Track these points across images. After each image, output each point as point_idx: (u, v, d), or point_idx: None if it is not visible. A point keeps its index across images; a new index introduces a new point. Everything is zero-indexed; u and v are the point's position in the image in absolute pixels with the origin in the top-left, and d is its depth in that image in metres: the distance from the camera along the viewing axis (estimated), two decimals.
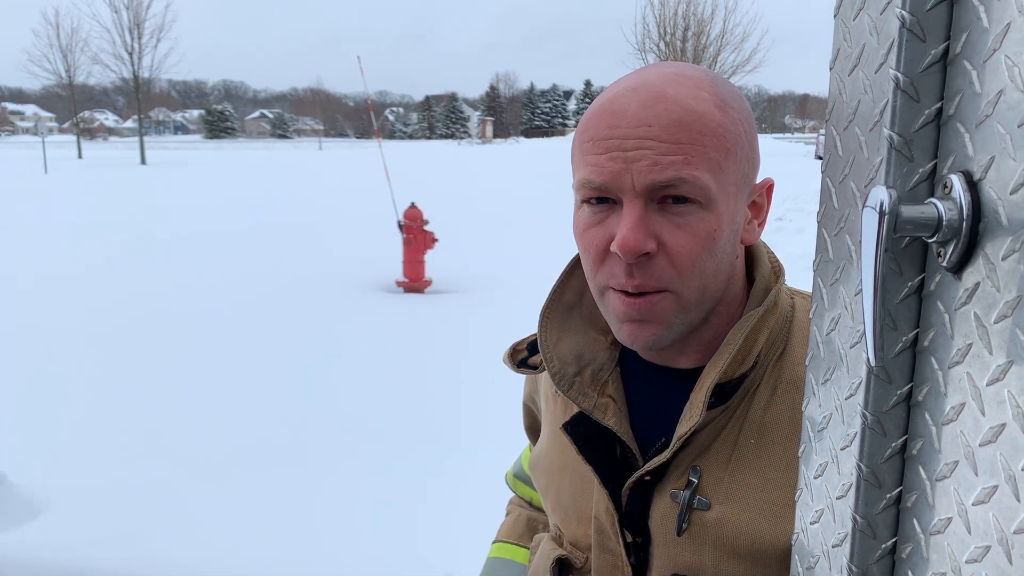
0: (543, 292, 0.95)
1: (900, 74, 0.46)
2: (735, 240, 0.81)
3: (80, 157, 44.47)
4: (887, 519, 0.51)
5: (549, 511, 0.99)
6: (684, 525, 0.82)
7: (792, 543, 0.63)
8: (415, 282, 8.20)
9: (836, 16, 0.54)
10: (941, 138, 0.46)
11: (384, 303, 7.70)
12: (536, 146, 67.31)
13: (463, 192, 19.46)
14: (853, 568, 0.52)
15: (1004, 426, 0.41)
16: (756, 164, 0.82)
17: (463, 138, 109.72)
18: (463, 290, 8.27)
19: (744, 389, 0.83)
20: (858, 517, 0.51)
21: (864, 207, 0.45)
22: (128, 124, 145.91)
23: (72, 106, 59.86)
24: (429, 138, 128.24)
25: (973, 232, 0.43)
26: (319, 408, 4.77)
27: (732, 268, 0.83)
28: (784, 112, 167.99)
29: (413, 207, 8.14)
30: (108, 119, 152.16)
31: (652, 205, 0.76)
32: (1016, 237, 0.40)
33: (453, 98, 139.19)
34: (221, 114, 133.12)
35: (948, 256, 0.44)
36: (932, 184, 0.47)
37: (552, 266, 1.16)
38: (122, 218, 14.34)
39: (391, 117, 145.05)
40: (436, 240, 8.12)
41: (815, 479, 0.58)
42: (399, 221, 8.14)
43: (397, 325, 6.80)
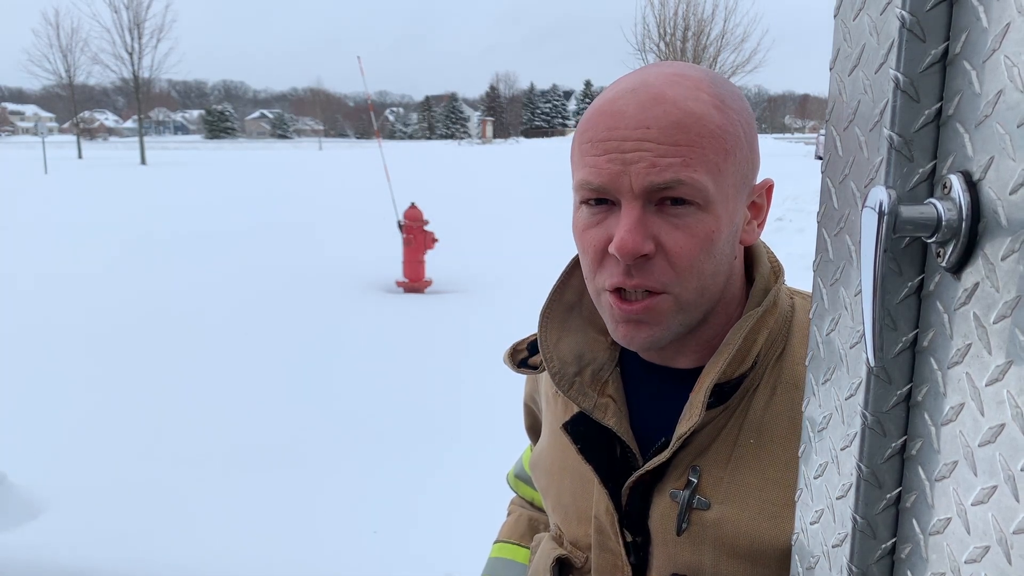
0: (543, 292, 0.95)
1: (900, 74, 0.46)
2: (734, 241, 0.81)
3: (80, 157, 44.46)
4: (887, 519, 0.51)
5: (549, 511, 0.99)
6: (684, 525, 0.82)
7: (792, 543, 0.63)
8: (415, 282, 8.20)
9: (836, 16, 0.54)
10: (941, 138, 0.46)
11: (384, 303, 7.70)
12: (536, 146, 67.28)
13: (463, 192, 19.46)
14: (853, 568, 0.52)
15: (1003, 426, 0.41)
16: (756, 165, 0.82)
17: (463, 138, 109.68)
18: (463, 290, 8.27)
19: (744, 389, 0.83)
20: (858, 517, 0.51)
21: (864, 207, 0.45)
22: (128, 124, 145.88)
23: (72, 106, 59.86)
24: (429, 138, 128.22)
25: (972, 232, 0.43)
26: (319, 408, 4.77)
27: (731, 269, 0.83)
28: (784, 112, 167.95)
29: (413, 207, 8.14)
30: (108, 119, 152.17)
31: (650, 207, 0.76)
32: (1015, 237, 0.40)
33: (453, 98, 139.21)
34: (221, 114, 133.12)
35: (947, 256, 0.44)
36: (932, 184, 0.47)
37: (552, 266, 1.16)
38: (122, 218, 14.34)
39: (391, 117, 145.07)
40: (436, 240, 8.12)
41: (815, 479, 0.58)
42: (399, 221, 8.14)
43: (397, 325, 6.80)
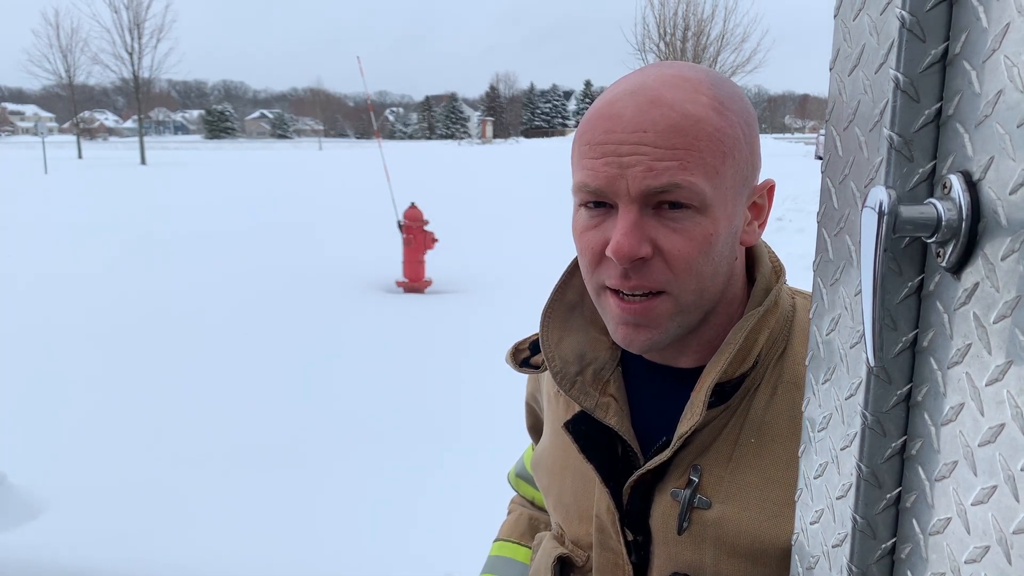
0: (543, 292, 0.95)
1: (900, 74, 0.46)
2: (734, 242, 0.81)
3: (80, 157, 44.45)
4: (887, 519, 0.51)
5: (551, 510, 1.00)
6: (685, 524, 0.82)
7: (792, 543, 0.63)
8: (415, 282, 8.20)
9: (836, 16, 0.54)
10: (940, 138, 0.46)
11: (384, 303, 7.70)
12: (536, 146, 67.23)
13: (463, 192, 19.45)
14: (853, 568, 0.52)
15: (1003, 426, 0.41)
16: (756, 166, 0.82)
17: (463, 138, 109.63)
18: (463, 290, 8.27)
19: (745, 389, 0.83)
20: (858, 517, 0.51)
21: (864, 207, 0.45)
22: (128, 124, 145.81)
23: (72, 106, 59.86)
24: (429, 138, 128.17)
25: (972, 232, 0.43)
26: (319, 408, 4.77)
27: (731, 269, 0.83)
28: (784, 112, 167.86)
29: (413, 207, 8.14)
30: (108, 119, 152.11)
31: (647, 210, 0.76)
32: (1015, 237, 0.40)
33: (453, 98, 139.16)
34: (221, 114, 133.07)
35: (947, 256, 0.44)
36: (931, 184, 0.47)
37: (552, 266, 1.16)
38: (122, 218, 14.34)
39: (391, 117, 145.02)
40: (436, 240, 8.12)
41: (815, 479, 0.58)
42: (399, 221, 8.14)
43: (397, 325, 6.80)
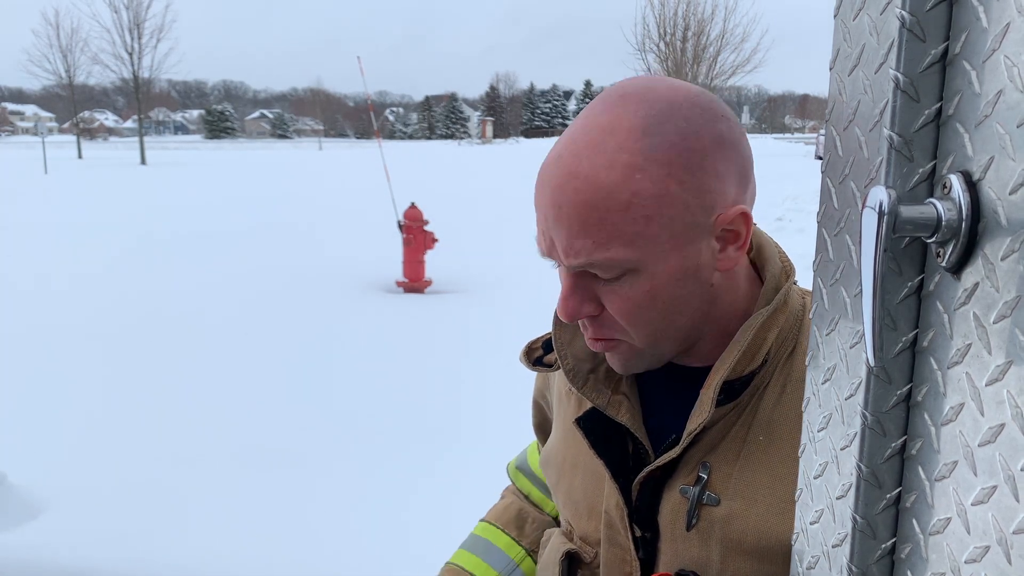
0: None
1: (900, 74, 0.46)
2: (697, 279, 0.79)
3: (80, 157, 44.45)
4: (887, 519, 0.51)
5: (560, 506, 1.01)
6: (693, 520, 0.83)
7: (792, 543, 0.63)
8: (415, 282, 8.20)
9: (836, 16, 0.54)
10: (940, 138, 0.46)
11: (384, 303, 7.70)
12: (536, 146, 67.15)
13: (463, 192, 19.45)
14: (853, 568, 0.52)
15: (1003, 426, 0.41)
16: (710, 203, 0.76)
17: (463, 138, 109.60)
18: (463, 290, 8.27)
19: (754, 387, 0.84)
20: (858, 517, 0.51)
21: (864, 207, 0.45)
22: (128, 124, 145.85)
23: (72, 106, 59.86)
24: (429, 138, 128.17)
25: (972, 232, 0.43)
26: (318, 408, 4.77)
27: (709, 296, 0.82)
28: (784, 112, 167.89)
29: (413, 207, 8.14)
30: (108, 119, 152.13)
31: (586, 274, 0.79)
32: (1015, 237, 0.40)
33: (453, 98, 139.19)
34: (221, 114, 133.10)
35: (947, 256, 0.44)
36: (931, 184, 0.47)
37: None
38: (122, 218, 14.34)
39: (391, 117, 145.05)
40: (436, 240, 8.12)
41: (815, 479, 0.58)
42: (399, 221, 8.14)
43: (397, 325, 6.80)
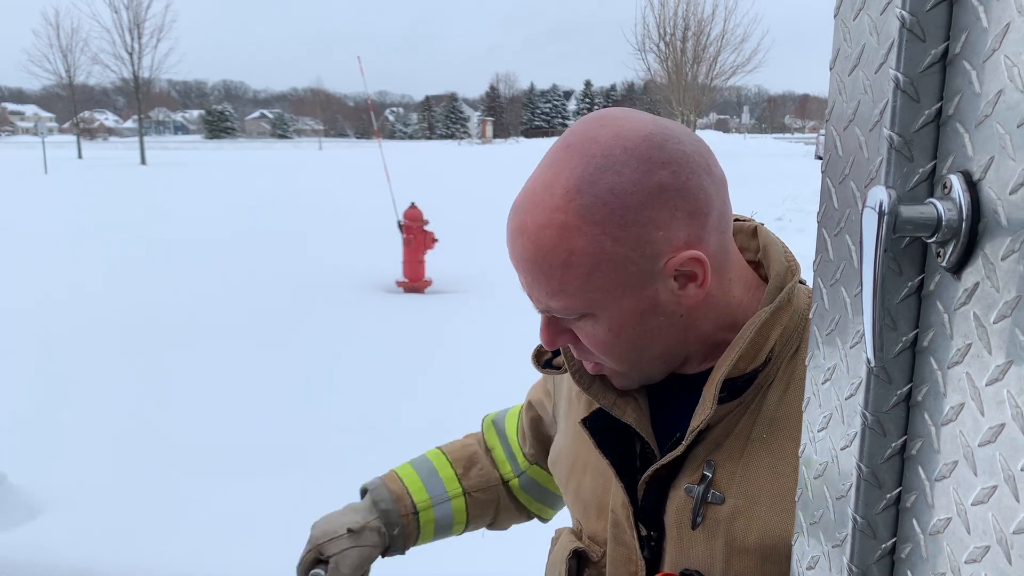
0: None
1: (900, 74, 0.46)
2: (660, 314, 0.81)
3: (80, 157, 44.39)
4: (887, 519, 0.51)
5: (569, 505, 1.02)
6: (698, 519, 0.83)
7: (792, 543, 0.63)
8: (415, 282, 8.21)
9: (836, 16, 0.54)
10: (941, 138, 0.46)
11: (384, 303, 7.70)
12: (536, 146, 67.16)
13: (463, 192, 19.45)
14: (853, 568, 0.52)
15: (1003, 426, 0.41)
16: (653, 251, 0.77)
17: (463, 138, 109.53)
18: (463, 290, 8.27)
19: (758, 385, 0.84)
20: (858, 517, 0.51)
21: (864, 207, 0.45)
22: (128, 124, 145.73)
23: (72, 106, 59.81)
24: (429, 138, 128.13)
25: (972, 232, 0.43)
26: (319, 408, 4.77)
27: (681, 325, 0.83)
28: (784, 112, 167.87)
29: (413, 207, 8.14)
30: (108, 119, 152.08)
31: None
32: (1015, 237, 0.40)
33: (453, 98, 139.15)
34: (221, 114, 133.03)
35: (947, 256, 0.44)
36: (932, 184, 0.47)
37: None
38: (122, 219, 14.33)
39: (391, 117, 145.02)
40: (436, 240, 8.12)
41: (815, 479, 0.58)
42: (399, 221, 8.14)
43: (397, 325, 6.80)
